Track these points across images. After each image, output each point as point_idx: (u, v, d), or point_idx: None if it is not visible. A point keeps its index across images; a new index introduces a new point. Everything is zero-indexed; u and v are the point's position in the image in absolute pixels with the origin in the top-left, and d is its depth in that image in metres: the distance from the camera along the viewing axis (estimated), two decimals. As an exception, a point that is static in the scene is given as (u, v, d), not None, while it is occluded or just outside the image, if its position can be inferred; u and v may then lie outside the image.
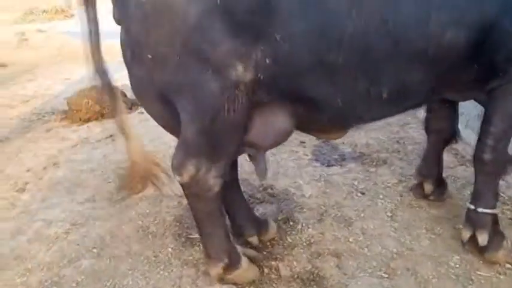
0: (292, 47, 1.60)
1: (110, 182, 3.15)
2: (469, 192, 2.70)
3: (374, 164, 3.24)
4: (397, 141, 3.62)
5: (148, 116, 2.09)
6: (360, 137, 3.69)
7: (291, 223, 2.53)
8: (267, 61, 1.60)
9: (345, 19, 1.58)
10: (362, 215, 2.58)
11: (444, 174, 2.74)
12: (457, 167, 3.07)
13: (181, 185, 1.89)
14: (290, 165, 3.32)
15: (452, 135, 2.53)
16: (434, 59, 1.74)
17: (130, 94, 5.19)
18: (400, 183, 2.92)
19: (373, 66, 1.71)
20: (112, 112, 2.27)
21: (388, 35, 1.65)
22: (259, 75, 1.63)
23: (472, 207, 2.12)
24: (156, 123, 2.04)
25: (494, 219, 2.12)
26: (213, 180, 1.84)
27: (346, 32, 1.59)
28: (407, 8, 1.65)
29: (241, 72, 1.59)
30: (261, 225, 2.38)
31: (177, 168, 1.83)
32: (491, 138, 1.95)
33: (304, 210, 2.67)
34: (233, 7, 1.52)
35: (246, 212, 2.38)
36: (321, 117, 1.90)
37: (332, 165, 3.29)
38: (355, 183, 2.96)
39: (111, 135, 4.07)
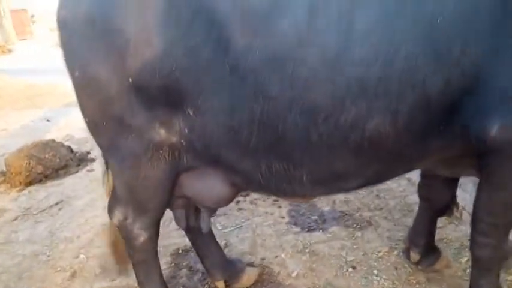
0: (204, 122, 1.62)
1: (59, 271, 2.65)
2: (466, 259, 2.52)
3: (358, 226, 2.98)
4: (377, 196, 3.40)
5: (99, 175, 2.13)
6: (337, 190, 3.44)
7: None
8: (186, 130, 1.66)
9: (253, 102, 1.52)
10: (358, 298, 2.29)
11: (436, 237, 2.53)
12: (447, 226, 2.87)
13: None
14: (267, 232, 2.98)
15: (447, 206, 2.32)
16: (362, 148, 1.56)
17: (77, 147, 4.76)
18: (391, 251, 2.66)
19: (287, 150, 1.63)
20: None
21: (297, 123, 1.52)
22: (182, 141, 1.69)
23: None
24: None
25: None
26: (138, 231, 1.95)
27: (255, 114, 1.54)
28: (319, 94, 1.48)
29: (164, 135, 1.67)
30: (232, 271, 2.40)
31: (109, 211, 1.99)
32: (487, 233, 1.74)
33: (293, 296, 2.34)
34: (144, 86, 1.57)
35: (216, 256, 2.39)
36: (257, 188, 1.91)
37: (313, 230, 2.98)
38: (343, 254, 2.67)
39: (56, 203, 3.56)
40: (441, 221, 2.84)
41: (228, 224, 3.12)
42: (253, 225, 3.08)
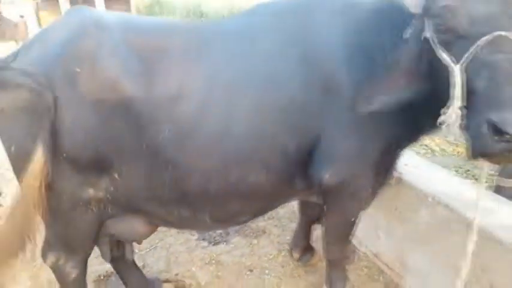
0: (127, 183, 2.04)
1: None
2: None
3: (255, 235, 3.63)
4: (270, 206, 4.08)
5: None
6: (237, 204, 4.06)
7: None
8: (112, 188, 2.05)
9: (164, 170, 2.02)
10: (253, 295, 2.92)
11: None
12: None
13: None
14: (179, 249, 3.49)
15: (319, 216, 3.04)
16: (248, 195, 2.19)
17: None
18: (279, 253, 3.35)
19: (192, 201, 2.16)
20: None
21: (199, 183, 2.08)
22: (108, 196, 2.08)
23: None
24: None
25: None
26: (70, 269, 2.31)
27: (166, 178, 2.04)
28: (213, 162, 2.06)
29: (92, 193, 2.05)
30: None
31: (42, 255, 2.30)
32: (331, 243, 2.51)
33: (202, 303, 2.89)
34: (75, 158, 1.94)
35: (137, 279, 2.85)
36: (172, 226, 2.51)
37: (218, 243, 3.56)
38: (243, 260, 3.29)
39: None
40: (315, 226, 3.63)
41: (144, 246, 3.56)
42: (166, 245, 3.56)
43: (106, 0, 27.90)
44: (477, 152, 1.52)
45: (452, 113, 1.61)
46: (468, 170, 4.09)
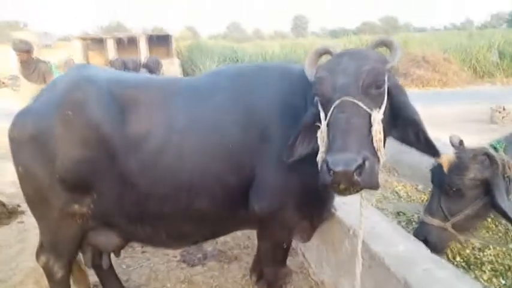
0: (103, 202, 2.66)
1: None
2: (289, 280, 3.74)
3: (227, 261, 4.13)
4: (248, 237, 4.58)
5: (28, 226, 2.94)
6: (221, 234, 4.58)
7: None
8: (92, 205, 2.68)
9: (130, 193, 2.62)
10: (211, 310, 3.39)
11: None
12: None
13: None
14: (161, 268, 4.04)
15: None
16: (196, 219, 2.76)
17: (8, 200, 5.55)
18: (243, 277, 3.82)
19: (152, 221, 2.77)
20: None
21: (156, 206, 2.67)
22: (88, 211, 2.69)
23: None
24: (37, 233, 2.96)
25: None
26: (57, 270, 2.89)
27: (133, 200, 2.64)
28: (167, 190, 2.64)
29: (77, 208, 2.67)
30: None
31: (36, 257, 2.94)
32: (267, 265, 3.01)
33: (168, 314, 3.40)
34: (64, 179, 2.57)
35: (116, 285, 3.44)
36: (139, 241, 3.11)
37: (196, 265, 4.08)
38: (211, 281, 3.79)
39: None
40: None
41: (132, 263, 4.14)
42: (151, 264, 4.12)
43: (149, 44, 30.04)
44: (321, 183, 2.01)
45: (320, 156, 2.18)
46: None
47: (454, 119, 10.48)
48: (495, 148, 3.20)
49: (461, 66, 21.58)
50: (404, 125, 2.33)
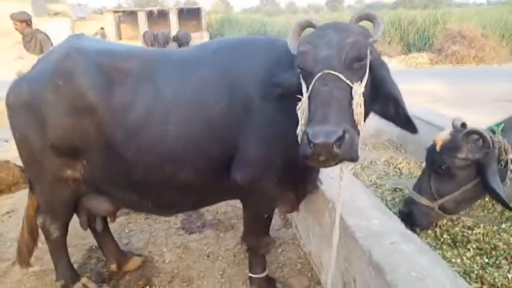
0: (92, 168, 2.80)
1: (3, 260, 3.80)
2: (281, 250, 3.82)
3: (224, 229, 4.25)
4: (248, 208, 4.68)
5: None
6: (222, 204, 4.71)
7: (147, 287, 3.41)
8: (83, 171, 2.81)
9: (117, 161, 2.71)
10: (202, 275, 3.53)
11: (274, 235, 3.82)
12: (281, 229, 4.19)
13: None
14: (160, 234, 4.21)
15: None
16: (181, 188, 2.85)
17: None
18: (236, 245, 3.93)
19: (137, 188, 2.87)
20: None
21: (140, 174, 2.76)
22: (80, 177, 2.84)
23: (249, 274, 3.22)
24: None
25: (267, 278, 3.22)
26: (53, 230, 3.09)
27: (119, 168, 2.75)
28: (151, 159, 2.72)
29: (70, 173, 2.82)
30: (122, 258, 3.60)
31: (36, 217, 3.14)
32: (248, 233, 3.09)
33: (161, 274, 3.56)
34: (55, 145, 2.71)
35: (110, 247, 3.58)
36: (127, 207, 3.27)
37: (193, 232, 4.24)
38: (205, 248, 3.93)
39: (7, 212, 4.70)
40: (277, 224, 4.17)
41: (134, 228, 4.34)
42: (151, 229, 4.31)
43: (179, 18, 30.12)
44: (301, 155, 2.02)
45: (300, 129, 2.19)
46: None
47: (495, 98, 10.10)
48: (493, 130, 3.10)
49: (500, 42, 20.50)
50: (385, 100, 2.32)
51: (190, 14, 30.75)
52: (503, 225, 3.30)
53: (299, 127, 2.22)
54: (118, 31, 31.29)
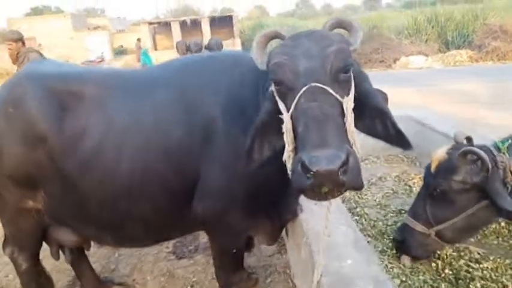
0: (49, 200, 2.62)
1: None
2: (269, 281, 3.51)
3: (215, 255, 3.99)
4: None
5: None
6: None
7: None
8: (43, 203, 2.63)
9: (72, 193, 2.53)
10: (182, 308, 3.30)
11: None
12: (275, 255, 3.87)
13: None
14: (148, 259, 4.01)
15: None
16: (139, 223, 2.63)
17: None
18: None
19: (95, 223, 2.69)
20: None
21: (96, 208, 2.57)
22: (43, 208, 2.65)
23: None
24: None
25: None
26: (21, 262, 2.94)
27: (75, 200, 2.56)
28: (105, 193, 2.51)
29: (31, 204, 2.65)
30: None
31: (3, 248, 3.01)
32: (219, 267, 2.81)
33: (138, 307, 3.36)
34: (12, 176, 2.56)
35: (90, 277, 3.41)
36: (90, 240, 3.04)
37: (183, 258, 4.01)
38: (191, 276, 3.68)
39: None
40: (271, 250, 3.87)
41: (124, 252, 4.16)
42: (141, 254, 4.12)
43: (211, 26, 30.39)
44: (295, 187, 1.72)
45: (286, 155, 1.89)
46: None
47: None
48: (498, 147, 2.66)
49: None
50: (370, 116, 2.03)
51: (222, 22, 30.97)
52: (517, 257, 2.83)
53: (285, 153, 1.91)
54: (153, 42, 31.99)
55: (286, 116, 1.84)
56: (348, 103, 1.82)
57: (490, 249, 3.01)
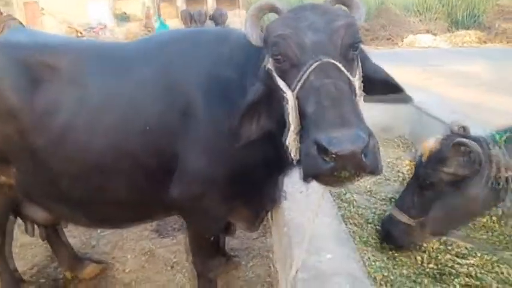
0: (19, 176, 2.50)
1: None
2: (251, 264, 3.43)
3: (198, 235, 3.90)
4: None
5: None
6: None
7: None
8: (15, 179, 2.52)
9: (42, 169, 2.40)
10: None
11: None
12: (259, 238, 3.78)
13: None
14: (131, 237, 3.93)
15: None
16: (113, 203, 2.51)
17: None
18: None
19: (67, 201, 2.55)
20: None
21: (69, 186, 2.43)
22: (14, 184, 2.55)
23: None
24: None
25: None
26: None
27: (45, 177, 2.44)
28: (77, 169, 2.38)
29: (4, 179, 2.58)
30: (77, 265, 3.33)
31: None
32: (194, 256, 2.72)
33: (116, 286, 3.28)
34: None
35: (65, 253, 3.32)
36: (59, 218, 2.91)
37: (165, 237, 3.92)
38: (172, 257, 3.60)
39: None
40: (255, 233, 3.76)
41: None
42: (124, 231, 4.02)
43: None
44: (308, 173, 1.56)
45: (291, 138, 1.72)
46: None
47: None
48: (495, 139, 2.51)
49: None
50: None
51: (227, -8, 30.13)
52: (506, 254, 2.72)
53: (289, 135, 1.72)
54: (157, 10, 31.27)
55: (290, 95, 1.67)
56: (358, 81, 1.70)
57: (479, 244, 2.89)
